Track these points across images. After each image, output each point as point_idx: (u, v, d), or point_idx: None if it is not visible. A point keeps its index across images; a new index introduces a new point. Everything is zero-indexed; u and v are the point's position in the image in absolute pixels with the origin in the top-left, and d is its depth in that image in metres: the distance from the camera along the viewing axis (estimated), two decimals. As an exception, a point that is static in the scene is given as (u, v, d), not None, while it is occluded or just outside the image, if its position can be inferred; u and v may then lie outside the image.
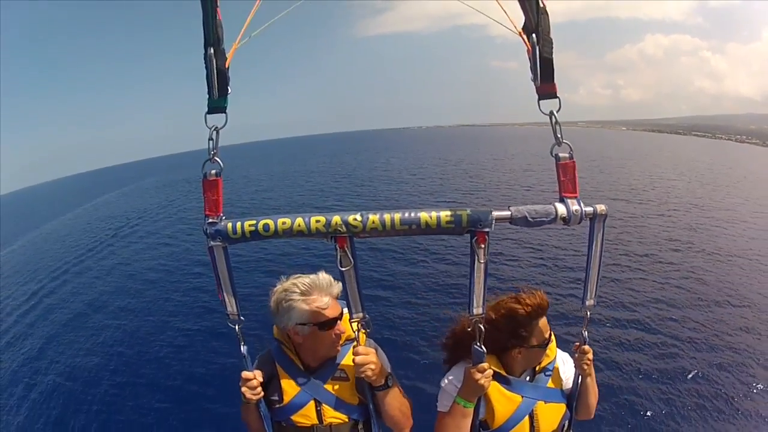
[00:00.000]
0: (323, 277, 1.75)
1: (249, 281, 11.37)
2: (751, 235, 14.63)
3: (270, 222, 1.42)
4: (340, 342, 1.81)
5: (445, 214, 1.37)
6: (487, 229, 1.37)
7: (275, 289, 1.79)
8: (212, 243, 1.47)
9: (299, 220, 1.40)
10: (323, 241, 1.46)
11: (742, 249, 12.97)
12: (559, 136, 1.41)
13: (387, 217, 1.38)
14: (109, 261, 16.40)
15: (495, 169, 34.96)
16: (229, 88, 1.42)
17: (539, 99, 1.41)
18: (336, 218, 1.39)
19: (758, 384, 6.39)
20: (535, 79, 1.39)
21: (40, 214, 38.67)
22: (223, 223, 1.45)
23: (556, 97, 1.39)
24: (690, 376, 6.61)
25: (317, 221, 1.40)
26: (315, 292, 1.72)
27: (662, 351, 7.24)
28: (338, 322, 1.75)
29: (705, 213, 18.03)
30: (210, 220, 1.47)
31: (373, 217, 1.38)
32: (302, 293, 1.72)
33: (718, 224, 16.19)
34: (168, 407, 7.13)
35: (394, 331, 8.19)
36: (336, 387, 1.79)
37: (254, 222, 1.43)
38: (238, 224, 1.44)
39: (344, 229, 1.39)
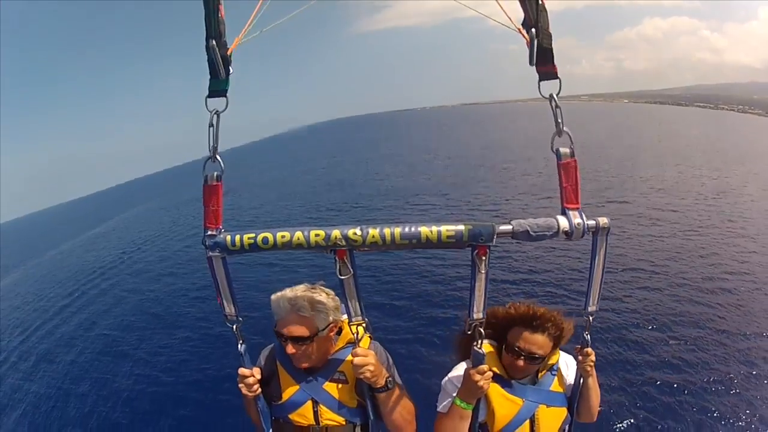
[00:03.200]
0: (287, 293, 1.75)
1: (251, 280, 11.38)
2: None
3: (269, 235, 1.41)
4: (306, 361, 1.78)
5: (445, 229, 1.35)
6: (488, 244, 1.36)
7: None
8: (211, 254, 1.47)
9: (298, 234, 1.39)
10: (323, 254, 1.44)
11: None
12: (560, 121, 1.33)
13: (387, 231, 1.36)
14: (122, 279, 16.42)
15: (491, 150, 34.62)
16: (230, 68, 1.40)
17: (540, 80, 1.35)
18: (335, 232, 1.38)
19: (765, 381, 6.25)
20: (535, 64, 1.35)
21: (49, 239, 38.42)
22: (222, 236, 1.45)
23: (556, 77, 1.33)
24: (695, 376, 6.47)
25: (316, 235, 1.39)
26: (274, 301, 1.76)
27: (665, 351, 7.13)
28: (288, 342, 1.71)
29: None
30: (209, 233, 1.46)
31: (373, 231, 1.37)
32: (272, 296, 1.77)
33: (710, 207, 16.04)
34: (171, 402, 7.33)
35: (396, 335, 8.14)
36: (335, 388, 1.79)
37: (253, 235, 1.42)
38: (237, 237, 1.43)
39: (344, 242, 1.38)
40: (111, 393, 7.99)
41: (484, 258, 1.38)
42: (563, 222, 1.36)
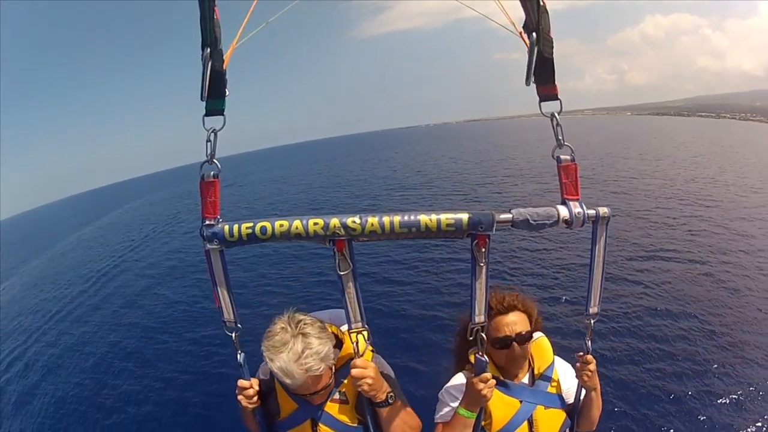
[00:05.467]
0: (289, 363, 1.52)
1: (247, 287, 11.37)
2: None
3: (267, 224, 1.38)
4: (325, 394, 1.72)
5: (445, 217, 1.34)
6: (488, 233, 1.35)
7: (271, 327, 1.62)
8: (209, 246, 1.44)
9: (297, 223, 1.37)
10: (322, 245, 1.42)
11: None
12: (560, 138, 1.39)
13: (386, 219, 1.34)
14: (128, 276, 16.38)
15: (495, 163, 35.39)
16: (227, 90, 1.41)
17: (540, 101, 1.39)
18: (334, 221, 1.36)
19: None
20: (536, 82, 1.37)
21: (47, 236, 38.52)
22: (219, 226, 1.43)
23: (557, 99, 1.38)
24: (700, 383, 6.30)
25: (315, 224, 1.36)
26: (282, 376, 1.55)
27: (665, 355, 7.01)
28: (315, 397, 1.65)
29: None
30: (207, 223, 1.44)
31: (372, 220, 1.35)
32: (270, 366, 1.56)
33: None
34: (169, 414, 7.15)
35: (393, 338, 8.06)
36: (335, 408, 1.73)
37: (251, 224, 1.40)
38: (235, 227, 1.41)
39: (343, 231, 1.36)
40: (110, 397, 7.87)
41: (483, 250, 1.36)
42: (563, 211, 1.36)
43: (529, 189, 21.95)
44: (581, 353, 1.71)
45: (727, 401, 5.92)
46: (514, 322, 1.77)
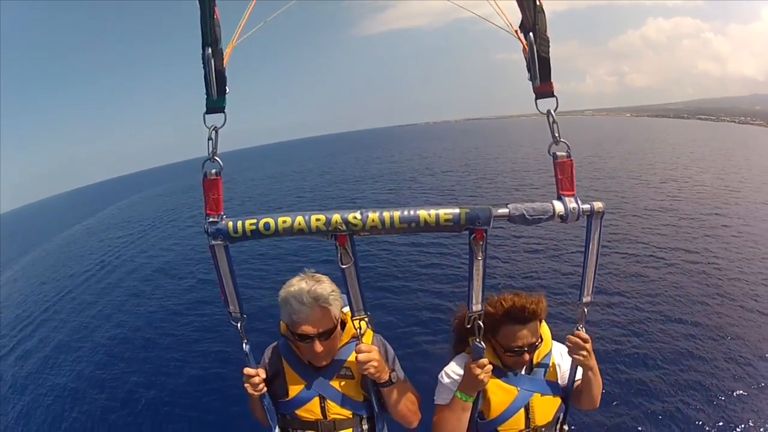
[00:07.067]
0: (301, 289, 1.62)
1: (252, 278, 11.44)
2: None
3: (271, 221, 1.42)
4: (328, 357, 1.76)
5: (443, 212, 1.38)
6: (485, 227, 1.39)
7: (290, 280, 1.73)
8: (213, 242, 1.48)
9: (299, 219, 1.41)
10: (324, 240, 1.47)
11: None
12: (556, 134, 1.42)
13: (386, 215, 1.39)
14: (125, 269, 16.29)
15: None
16: (227, 87, 1.43)
17: (537, 98, 1.42)
18: (336, 216, 1.40)
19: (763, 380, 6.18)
20: (532, 79, 1.41)
21: (47, 229, 38.41)
22: (224, 222, 1.46)
23: (553, 96, 1.41)
24: (691, 369, 6.46)
25: (317, 219, 1.41)
26: (292, 301, 1.62)
27: (661, 344, 7.13)
28: (315, 340, 1.65)
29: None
30: (211, 219, 1.48)
31: (373, 215, 1.40)
32: (283, 297, 1.66)
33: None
34: (177, 403, 7.16)
35: (395, 325, 8.18)
36: (341, 384, 1.79)
37: (255, 221, 1.43)
38: (239, 223, 1.44)
39: (344, 227, 1.40)
40: (107, 393, 7.84)
41: (481, 243, 1.41)
42: (558, 206, 1.41)
43: (526, 184, 22.07)
44: (571, 335, 1.72)
45: (684, 373, 6.29)
46: (530, 333, 1.74)
